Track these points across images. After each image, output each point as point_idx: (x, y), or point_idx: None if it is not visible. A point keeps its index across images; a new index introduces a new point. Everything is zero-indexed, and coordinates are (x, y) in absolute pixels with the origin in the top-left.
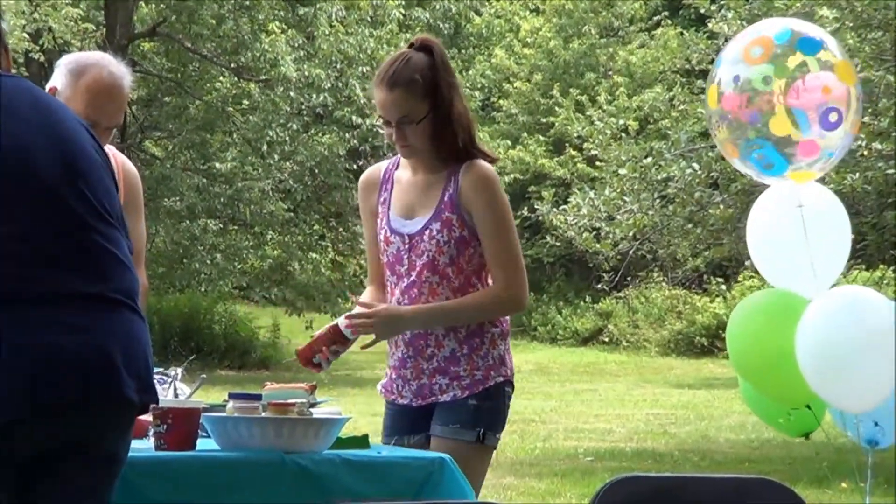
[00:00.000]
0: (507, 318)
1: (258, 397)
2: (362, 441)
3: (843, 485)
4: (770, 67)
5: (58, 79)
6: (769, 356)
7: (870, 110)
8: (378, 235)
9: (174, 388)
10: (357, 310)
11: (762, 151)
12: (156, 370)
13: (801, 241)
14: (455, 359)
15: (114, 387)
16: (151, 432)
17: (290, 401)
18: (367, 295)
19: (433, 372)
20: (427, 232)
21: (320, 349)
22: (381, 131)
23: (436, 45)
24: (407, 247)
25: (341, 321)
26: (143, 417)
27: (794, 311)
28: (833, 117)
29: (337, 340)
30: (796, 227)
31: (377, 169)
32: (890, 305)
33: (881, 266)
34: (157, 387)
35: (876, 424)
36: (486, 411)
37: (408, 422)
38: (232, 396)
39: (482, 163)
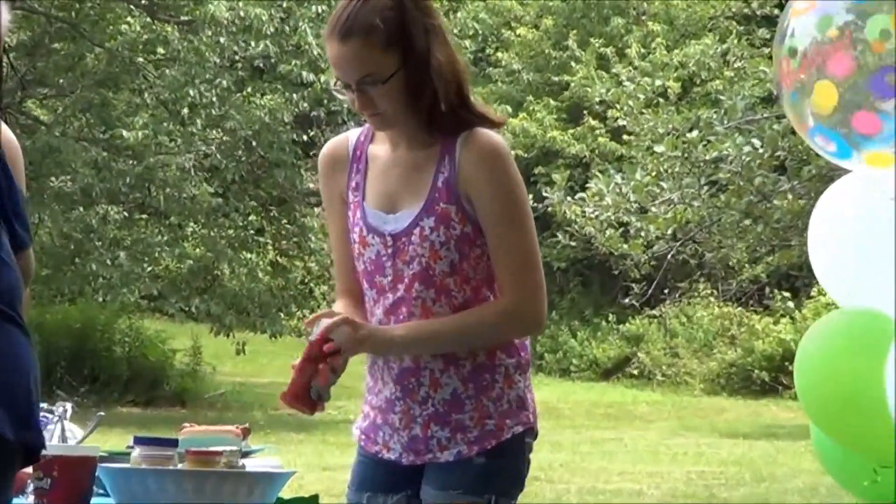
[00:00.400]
0: (526, 344)
1: (173, 443)
2: (311, 503)
3: None
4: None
5: None
6: (851, 397)
7: None
8: (351, 234)
9: (62, 430)
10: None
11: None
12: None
13: (889, 244)
14: (458, 402)
15: None
16: (31, 488)
17: (215, 448)
18: (339, 310)
19: (428, 420)
20: (417, 230)
21: (312, 375)
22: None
23: None
24: (390, 251)
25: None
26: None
27: (884, 338)
28: None
29: (321, 359)
30: (882, 225)
31: (344, 140)
32: None
33: None
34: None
35: None
36: (498, 472)
37: (389, 477)
38: (138, 442)
39: (485, 131)
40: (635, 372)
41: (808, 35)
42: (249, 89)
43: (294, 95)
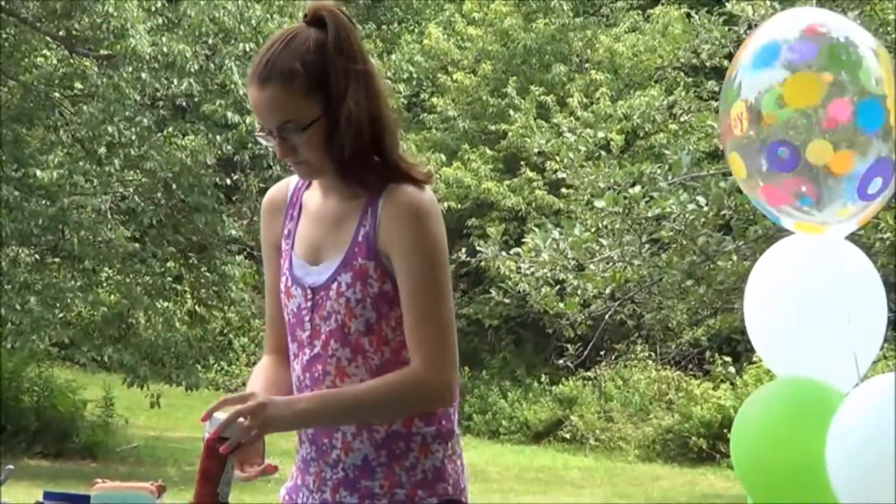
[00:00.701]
0: (452, 411)
1: (85, 500)
2: None
3: None
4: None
5: None
6: (790, 469)
7: None
8: (280, 284)
9: None
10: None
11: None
12: None
13: (830, 312)
14: (369, 469)
15: None
16: None
17: None
18: (261, 370)
19: (337, 485)
20: (335, 285)
21: (217, 476)
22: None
23: (331, 16)
24: (309, 304)
25: (207, 427)
26: None
27: (825, 408)
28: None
29: (219, 460)
30: (825, 293)
31: (284, 186)
32: None
33: None
34: None
35: None
36: None
37: None
38: (48, 497)
39: (409, 188)
40: (567, 436)
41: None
42: (171, 129)
43: (217, 137)
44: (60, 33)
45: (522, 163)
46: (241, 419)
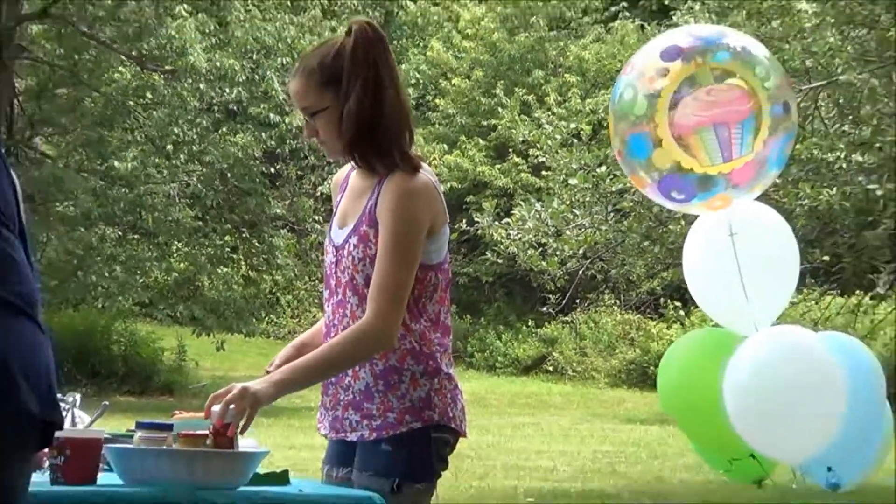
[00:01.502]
0: (440, 350)
1: (168, 427)
2: (282, 477)
3: None
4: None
5: None
6: (698, 403)
7: (850, 118)
8: None
9: (72, 416)
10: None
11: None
12: None
13: (734, 272)
14: (369, 394)
15: (9, 398)
16: (47, 464)
17: (202, 431)
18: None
19: (347, 405)
20: (347, 246)
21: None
22: (300, 132)
23: (358, 29)
24: (334, 259)
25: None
26: None
27: (725, 352)
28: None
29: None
30: (729, 256)
31: (345, 169)
32: (824, 346)
33: (857, 292)
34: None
35: (829, 469)
36: (402, 460)
37: (336, 453)
38: (140, 426)
39: (405, 175)
40: (550, 368)
41: None
42: (224, 129)
43: (262, 134)
44: (133, 53)
45: (510, 150)
46: (232, 406)
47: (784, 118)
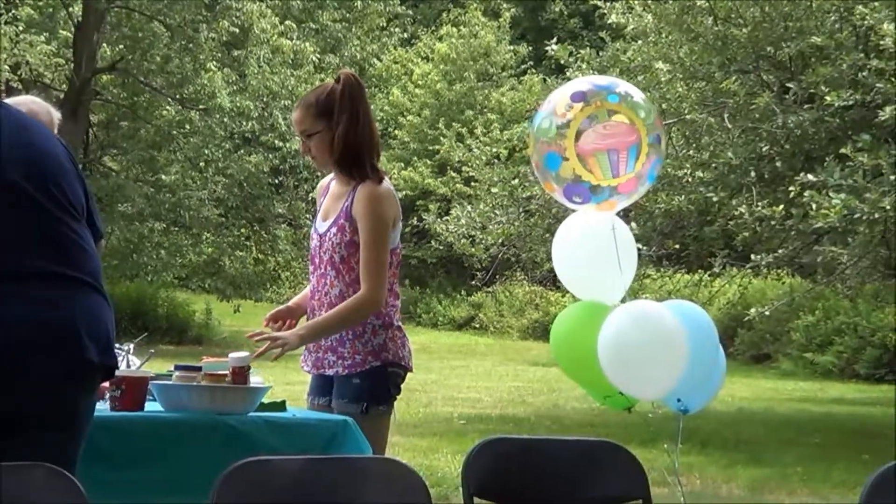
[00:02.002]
0: (392, 311)
1: (198, 368)
2: (280, 406)
3: (665, 446)
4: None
5: None
6: (579, 355)
7: (694, 146)
8: None
9: (127, 361)
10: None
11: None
12: None
13: (605, 258)
14: (342, 341)
15: (77, 350)
16: (108, 396)
17: (223, 372)
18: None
19: (326, 349)
20: (328, 233)
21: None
22: (298, 153)
23: (346, 77)
24: (318, 244)
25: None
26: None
27: (599, 318)
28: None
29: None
30: (601, 247)
31: (327, 179)
32: (670, 311)
33: (699, 270)
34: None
35: (679, 400)
36: (367, 389)
37: (315, 386)
38: (177, 367)
39: (373, 184)
40: (477, 326)
41: None
42: (242, 151)
43: (270, 155)
44: (176, 96)
45: (448, 167)
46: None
47: (657, 146)
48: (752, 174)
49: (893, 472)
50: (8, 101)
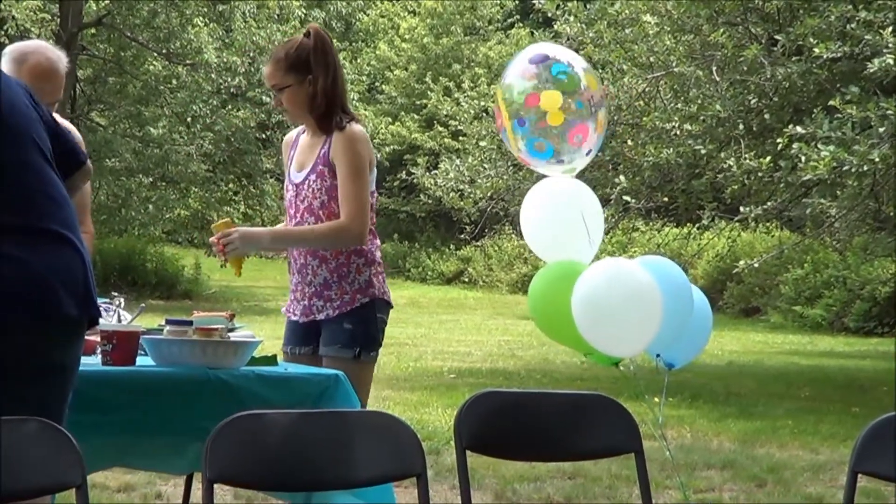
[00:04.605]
0: (374, 248)
1: (189, 323)
2: (272, 360)
3: (656, 399)
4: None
5: (3, 66)
6: (557, 314)
7: (682, 98)
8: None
9: (118, 315)
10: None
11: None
12: (103, 300)
13: (573, 225)
14: (328, 285)
15: (54, 308)
16: (99, 350)
17: (213, 326)
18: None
19: (311, 295)
20: (307, 181)
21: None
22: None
23: (316, 31)
24: (294, 193)
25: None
26: (91, 338)
27: (574, 277)
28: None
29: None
30: (567, 214)
31: (293, 133)
32: (642, 271)
33: (688, 224)
34: (104, 314)
35: (658, 356)
36: (360, 334)
37: (298, 336)
38: (168, 322)
39: (352, 126)
40: (466, 280)
41: None
42: (230, 106)
43: (256, 111)
44: (163, 51)
45: (436, 122)
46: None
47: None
48: (741, 127)
49: (885, 424)
50: (21, 45)
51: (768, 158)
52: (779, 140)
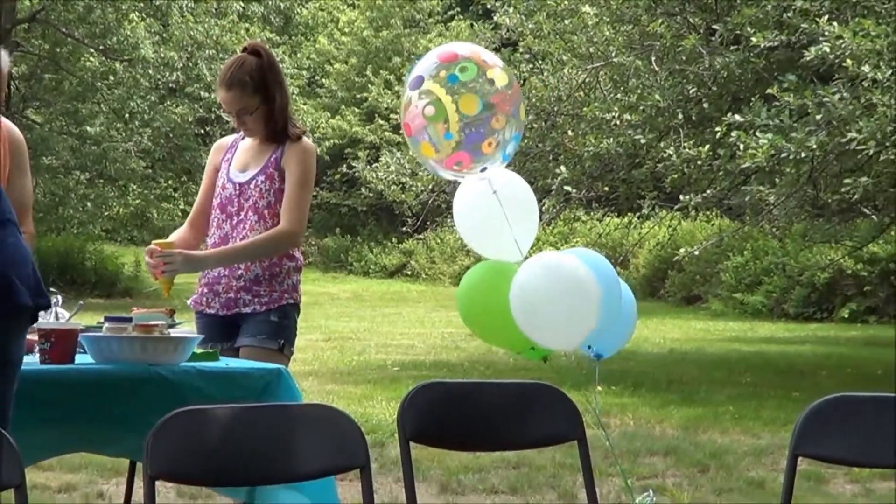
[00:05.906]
0: (300, 259)
1: (128, 319)
2: (213, 355)
3: (599, 388)
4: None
5: None
6: (492, 313)
7: (622, 88)
8: (217, 183)
9: (55, 313)
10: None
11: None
12: None
13: (499, 218)
14: (258, 281)
15: (10, 299)
16: (37, 349)
17: (153, 322)
18: (177, 233)
19: (240, 289)
20: (254, 182)
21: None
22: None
23: (263, 49)
24: (237, 192)
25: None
26: (29, 337)
27: (508, 274)
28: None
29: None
30: (494, 208)
31: (228, 138)
32: (581, 263)
33: (629, 213)
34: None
35: (589, 347)
36: (284, 327)
37: (217, 331)
38: (107, 319)
39: (305, 140)
40: (409, 273)
41: None
42: (168, 102)
43: (195, 106)
44: (99, 47)
45: (376, 115)
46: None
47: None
48: (680, 116)
49: (823, 407)
50: None
51: (707, 147)
52: (717, 129)
